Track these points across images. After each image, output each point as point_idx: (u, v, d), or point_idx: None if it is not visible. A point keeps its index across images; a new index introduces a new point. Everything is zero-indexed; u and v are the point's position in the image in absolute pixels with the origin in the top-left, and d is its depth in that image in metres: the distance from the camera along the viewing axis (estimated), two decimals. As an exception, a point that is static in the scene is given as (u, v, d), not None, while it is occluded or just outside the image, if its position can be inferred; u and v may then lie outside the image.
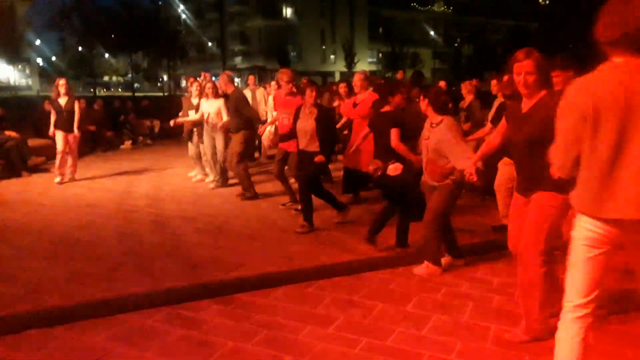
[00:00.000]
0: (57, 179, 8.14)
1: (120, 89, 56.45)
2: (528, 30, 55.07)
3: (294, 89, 6.52)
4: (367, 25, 67.07)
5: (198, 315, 3.57)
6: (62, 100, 8.17)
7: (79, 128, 8.16)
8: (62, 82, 8.28)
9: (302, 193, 5.48)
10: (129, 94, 40.62)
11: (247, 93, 9.20)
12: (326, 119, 5.48)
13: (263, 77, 38.07)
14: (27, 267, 4.45)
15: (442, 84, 8.63)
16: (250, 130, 7.08)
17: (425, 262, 4.28)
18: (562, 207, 2.90)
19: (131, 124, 13.53)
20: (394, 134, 4.59)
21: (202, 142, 7.85)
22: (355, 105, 6.50)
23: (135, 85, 52.53)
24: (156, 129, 14.35)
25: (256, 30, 61.92)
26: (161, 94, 44.76)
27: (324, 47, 64.50)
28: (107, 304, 3.60)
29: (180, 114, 8.33)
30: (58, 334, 3.27)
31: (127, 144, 12.83)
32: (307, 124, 5.47)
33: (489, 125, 5.74)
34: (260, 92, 10.32)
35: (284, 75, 6.42)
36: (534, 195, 3.05)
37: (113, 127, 12.96)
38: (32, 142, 9.76)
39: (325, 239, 5.30)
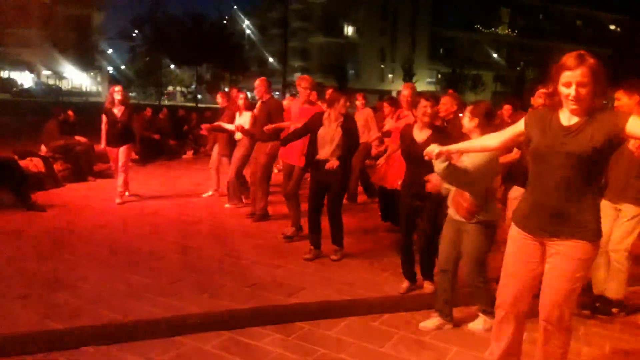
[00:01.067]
0: (118, 200, 7.34)
1: (183, 99, 58.27)
2: (597, 56, 52.89)
3: (313, 98, 6.01)
4: (427, 45, 66.50)
5: (258, 344, 3.35)
6: (117, 110, 7.38)
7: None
8: (117, 88, 7.52)
9: (333, 218, 5.10)
10: (192, 104, 41.80)
11: None
12: (350, 127, 5.04)
13: (320, 93, 38.11)
14: (88, 277, 4.40)
15: (507, 107, 8.09)
16: (277, 143, 6.52)
17: (481, 315, 3.67)
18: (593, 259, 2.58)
19: (194, 134, 13.71)
20: None
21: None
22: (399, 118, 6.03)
23: (198, 96, 54.04)
24: (217, 140, 14.50)
25: (317, 46, 62.61)
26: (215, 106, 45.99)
27: (382, 65, 64.36)
28: (165, 324, 3.44)
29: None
30: (114, 354, 3.14)
31: (189, 153, 12.99)
32: (334, 132, 4.94)
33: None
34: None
35: (302, 80, 5.76)
36: (566, 242, 2.51)
37: (177, 137, 13.18)
38: (99, 147, 9.98)
39: (387, 265, 5.02)
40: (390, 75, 64.68)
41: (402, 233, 4.37)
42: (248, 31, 64.34)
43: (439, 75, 66.05)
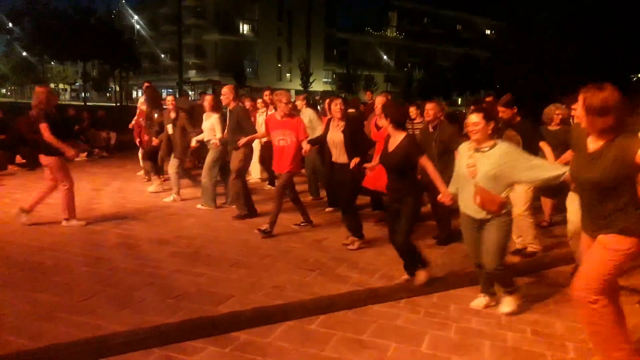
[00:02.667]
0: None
1: (67, 97, 53.95)
2: (476, 59, 57.26)
3: (293, 110, 6.34)
4: (322, 46, 67.84)
5: (194, 359, 3.14)
6: None
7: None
8: None
9: (348, 214, 5.59)
10: (79, 103, 38.80)
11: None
12: (354, 130, 5.55)
13: (218, 91, 37.31)
14: (-18, 298, 3.87)
15: (489, 99, 8.40)
16: (250, 148, 6.82)
17: (507, 297, 4.01)
18: (629, 251, 2.80)
19: (87, 135, 12.74)
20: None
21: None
22: (378, 128, 6.37)
23: (86, 94, 50.41)
24: (112, 141, 13.60)
25: (212, 44, 61.31)
26: (112, 104, 43.11)
27: (279, 65, 64.57)
28: (85, 346, 3.11)
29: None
30: (30, 384, 2.77)
31: (82, 156, 12.03)
32: (335, 136, 5.55)
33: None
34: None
35: (282, 97, 5.99)
36: (599, 236, 2.90)
37: (67, 138, 12.11)
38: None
39: (313, 265, 4.98)
40: (287, 75, 65.09)
41: (390, 234, 4.55)
42: (138, 26, 61.21)
43: (334, 76, 67.59)
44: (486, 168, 3.66)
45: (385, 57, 71.58)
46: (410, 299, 4.22)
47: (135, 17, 60.51)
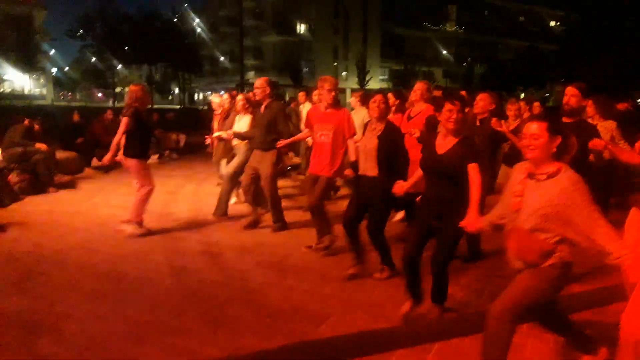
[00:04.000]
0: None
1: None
2: (540, 52, 54.77)
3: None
4: (379, 43, 66.92)
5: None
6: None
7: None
8: None
9: (373, 239, 4.42)
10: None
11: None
12: (392, 137, 4.29)
13: (277, 93, 37.35)
14: (71, 314, 3.69)
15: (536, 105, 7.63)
16: (279, 150, 6.11)
17: None
18: None
19: (157, 137, 12.83)
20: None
21: None
22: (410, 118, 5.64)
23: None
24: (182, 143, 13.67)
25: (270, 45, 61.86)
26: (176, 106, 44.29)
27: (335, 63, 64.30)
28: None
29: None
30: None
31: (154, 158, 12.10)
32: (368, 141, 4.33)
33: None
34: (306, 106, 9.35)
35: (325, 82, 5.09)
36: None
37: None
38: (61, 154, 9.10)
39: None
40: (344, 73, 64.69)
41: (408, 249, 3.62)
42: (199, 29, 62.70)
43: (391, 73, 66.59)
44: (536, 203, 2.59)
45: (444, 51, 69.82)
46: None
47: (197, 20, 61.97)
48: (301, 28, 62.97)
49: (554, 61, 45.05)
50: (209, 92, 58.52)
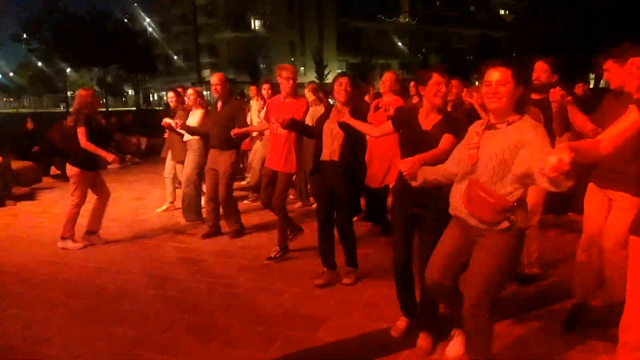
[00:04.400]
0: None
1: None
2: (494, 39, 56.03)
3: (296, 89, 5.07)
4: (335, 37, 67.00)
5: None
6: None
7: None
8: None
9: (344, 234, 4.18)
10: (101, 109, 38.61)
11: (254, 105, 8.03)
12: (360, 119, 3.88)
13: (232, 90, 36.70)
14: (51, 337, 3.41)
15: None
16: (239, 149, 5.89)
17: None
18: None
19: (117, 141, 12.35)
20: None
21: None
22: (377, 108, 5.43)
23: (103, 100, 50.48)
24: (143, 146, 13.22)
25: (225, 42, 60.98)
26: (132, 108, 42.95)
27: (293, 59, 63.96)
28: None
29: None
30: None
31: (115, 163, 11.62)
32: (334, 125, 3.98)
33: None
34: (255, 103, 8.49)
35: (282, 70, 4.78)
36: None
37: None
38: (17, 165, 8.59)
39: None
40: (302, 68, 64.46)
41: (396, 251, 3.24)
42: (150, 29, 61.08)
43: (349, 66, 66.78)
44: (494, 149, 2.35)
45: (399, 43, 70.55)
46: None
47: (148, 19, 60.36)
48: (256, 24, 62.35)
49: (506, 48, 46.15)
50: (164, 93, 57.29)
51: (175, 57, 64.69)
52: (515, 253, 2.48)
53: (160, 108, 34.87)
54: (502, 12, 77.62)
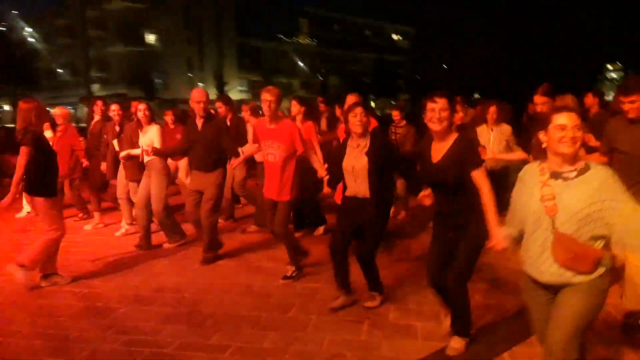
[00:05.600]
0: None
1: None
2: (387, 63, 58.74)
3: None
4: (235, 54, 66.25)
5: None
6: None
7: None
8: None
9: (366, 265, 3.92)
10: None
11: None
12: (383, 150, 3.80)
13: (126, 106, 34.47)
14: None
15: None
16: (225, 169, 5.37)
17: None
18: None
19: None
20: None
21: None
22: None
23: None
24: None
25: (117, 56, 57.72)
26: (10, 125, 38.60)
27: (190, 74, 62.18)
28: None
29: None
30: None
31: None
32: (356, 161, 3.78)
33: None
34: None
35: (267, 93, 4.46)
36: None
37: None
38: None
39: (354, 313, 3.87)
40: (201, 84, 62.88)
41: (430, 271, 3.28)
42: (32, 40, 56.05)
43: (250, 83, 66.32)
44: (575, 205, 2.25)
45: (300, 63, 71.49)
46: (513, 352, 3.24)
47: (30, 29, 55.36)
48: (150, 38, 59.80)
49: (402, 72, 48.45)
50: (49, 109, 52.83)
51: (60, 71, 60.05)
52: (604, 296, 2.35)
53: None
54: (395, 37, 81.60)
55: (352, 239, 3.94)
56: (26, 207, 7.63)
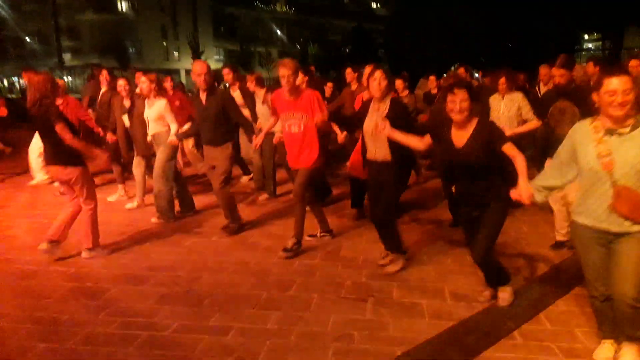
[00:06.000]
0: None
1: None
2: (366, 32, 57.89)
3: (303, 83, 4.88)
4: (211, 22, 64.56)
5: None
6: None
7: None
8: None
9: (385, 226, 4.18)
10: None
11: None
12: (401, 115, 3.92)
13: (98, 75, 33.29)
14: None
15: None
16: (235, 142, 5.37)
17: (630, 345, 2.73)
18: None
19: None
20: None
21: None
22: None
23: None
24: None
25: (87, 24, 55.75)
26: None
27: (165, 43, 60.50)
28: None
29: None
30: None
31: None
32: (372, 124, 3.94)
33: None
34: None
35: (284, 67, 4.35)
36: None
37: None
38: None
39: (358, 291, 3.77)
40: (175, 53, 61.37)
41: (471, 246, 3.47)
42: (-4, 7, 53.58)
43: (226, 53, 64.87)
44: (633, 158, 2.45)
45: (278, 32, 70.15)
46: (522, 330, 3.18)
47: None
48: (123, 6, 57.78)
49: (380, 40, 47.82)
50: (16, 78, 51.18)
51: (27, 39, 57.75)
52: None
53: (12, 95, 30.68)
54: (373, 5, 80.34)
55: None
56: (39, 176, 7.53)
